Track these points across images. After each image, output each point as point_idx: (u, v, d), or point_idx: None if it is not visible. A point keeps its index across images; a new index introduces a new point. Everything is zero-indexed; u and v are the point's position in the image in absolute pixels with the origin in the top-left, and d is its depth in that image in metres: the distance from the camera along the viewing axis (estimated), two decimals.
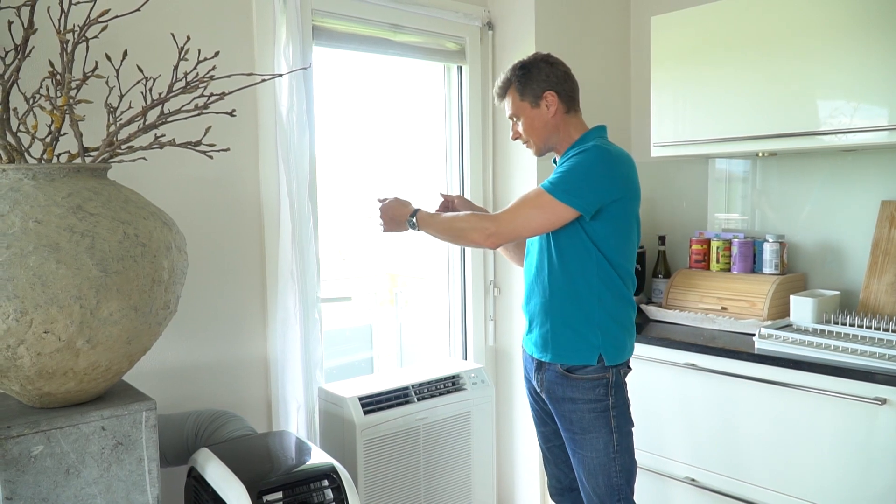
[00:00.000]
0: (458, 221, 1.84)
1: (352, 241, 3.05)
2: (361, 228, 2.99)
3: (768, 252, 2.53)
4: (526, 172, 2.70)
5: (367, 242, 3.09)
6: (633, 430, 1.92)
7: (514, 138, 1.96)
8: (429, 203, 2.02)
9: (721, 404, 2.24)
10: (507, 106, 1.93)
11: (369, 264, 3.31)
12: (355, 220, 2.96)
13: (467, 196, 2.79)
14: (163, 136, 1.57)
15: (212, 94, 1.55)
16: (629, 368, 1.93)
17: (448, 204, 2.11)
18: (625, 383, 1.89)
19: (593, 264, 1.82)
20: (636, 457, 1.94)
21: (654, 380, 2.40)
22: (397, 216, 1.94)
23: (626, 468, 1.87)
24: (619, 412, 1.86)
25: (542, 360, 1.90)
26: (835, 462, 2.00)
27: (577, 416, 1.86)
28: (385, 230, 1.97)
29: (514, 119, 1.92)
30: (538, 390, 1.96)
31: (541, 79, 1.87)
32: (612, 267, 1.83)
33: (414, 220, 1.90)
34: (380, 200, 1.99)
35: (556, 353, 1.87)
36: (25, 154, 1.46)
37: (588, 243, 1.81)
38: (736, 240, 2.61)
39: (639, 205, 1.89)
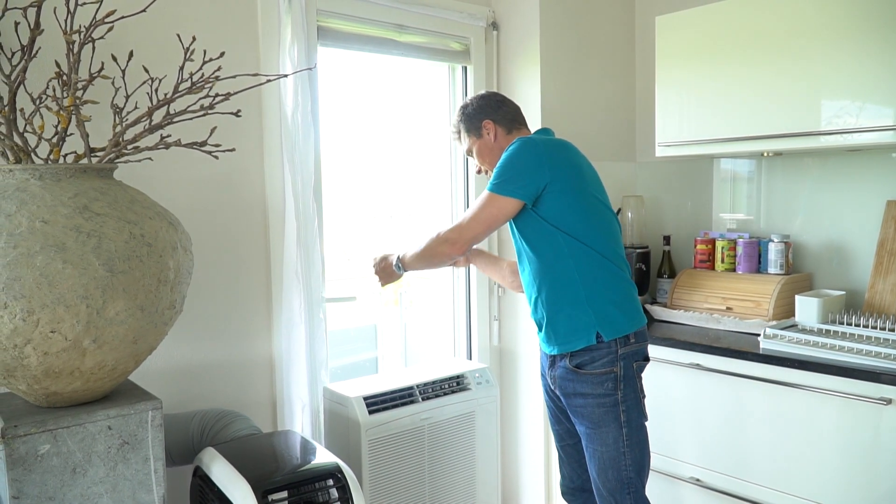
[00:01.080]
0: (425, 245, 1.98)
1: (357, 240, 3.05)
2: (362, 227, 2.99)
3: (773, 252, 2.52)
4: None
5: (371, 242, 3.09)
6: (647, 422, 1.92)
7: (478, 172, 2.14)
8: (432, 204, 2.04)
9: (726, 404, 2.24)
10: (463, 146, 2.12)
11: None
12: (360, 219, 2.96)
13: (472, 199, 2.79)
14: (168, 136, 1.57)
15: (217, 95, 1.56)
16: (645, 361, 1.93)
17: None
18: (637, 377, 1.89)
19: (563, 245, 1.85)
20: None
21: (659, 380, 2.39)
22: (386, 268, 2.13)
23: (637, 462, 1.88)
24: (629, 406, 1.86)
25: (553, 353, 1.93)
26: (840, 462, 2.00)
27: (587, 410, 1.87)
28: (384, 285, 2.18)
29: (471, 154, 2.11)
30: (552, 387, 1.98)
31: (477, 113, 2.07)
32: (584, 244, 1.85)
33: (399, 264, 2.08)
34: (374, 262, 2.19)
35: (560, 343, 1.89)
36: (32, 154, 1.47)
37: (548, 227, 1.86)
38: (741, 240, 2.61)
39: (589, 183, 1.91)
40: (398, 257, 2.08)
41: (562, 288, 1.88)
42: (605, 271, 1.87)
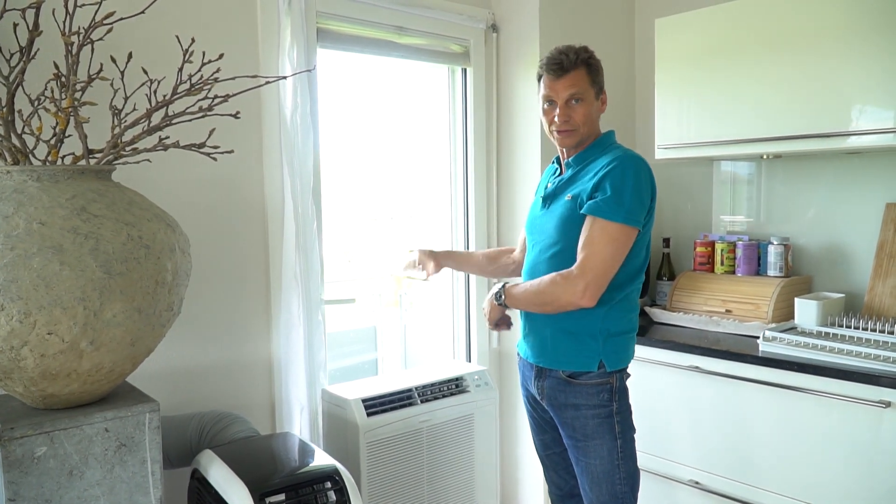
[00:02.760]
0: (543, 289, 1.76)
1: (357, 243, 3.05)
2: (363, 229, 2.99)
3: (773, 254, 2.52)
4: (530, 174, 2.70)
5: (370, 244, 3.09)
6: (636, 435, 1.90)
7: (565, 120, 1.80)
8: (432, 206, 2.00)
9: (725, 407, 2.24)
10: (571, 81, 1.79)
11: (374, 266, 3.31)
12: (361, 221, 2.96)
13: (472, 199, 2.78)
14: (167, 138, 1.57)
15: (216, 97, 1.55)
16: (629, 373, 1.92)
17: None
18: (627, 388, 1.88)
19: (612, 280, 1.77)
20: (639, 461, 1.93)
21: (658, 382, 2.39)
22: (489, 306, 1.93)
23: (630, 475, 1.85)
24: (623, 417, 1.84)
25: (541, 365, 1.87)
26: (839, 465, 1.99)
27: (580, 422, 1.83)
28: (491, 322, 1.95)
29: (576, 100, 1.80)
30: (538, 398, 1.92)
31: (602, 77, 1.88)
32: (628, 281, 1.81)
33: (501, 298, 1.86)
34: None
35: (555, 359, 1.84)
36: (30, 156, 1.46)
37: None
38: (740, 242, 2.61)
39: None
40: (500, 291, 1.87)
41: (582, 313, 1.79)
42: (627, 303, 1.84)
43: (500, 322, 1.95)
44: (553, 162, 2.01)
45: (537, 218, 1.94)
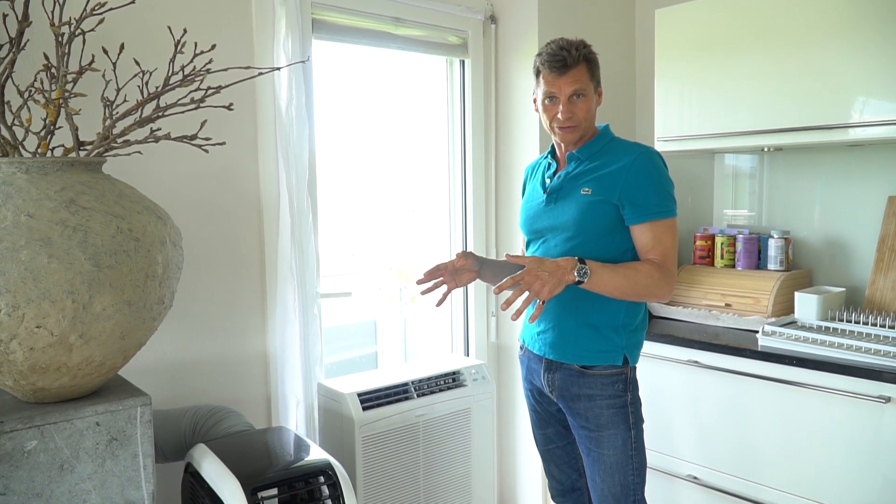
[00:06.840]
0: (639, 280, 1.70)
1: (357, 236, 3.04)
2: (365, 223, 2.98)
3: (773, 248, 2.50)
4: None
5: (371, 238, 3.07)
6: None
7: (568, 117, 1.79)
8: (430, 199, 1.96)
9: (724, 401, 2.22)
10: (574, 77, 1.77)
11: (374, 260, 3.29)
12: (361, 215, 2.95)
13: (470, 192, 2.77)
14: (159, 129, 1.56)
15: (209, 88, 1.54)
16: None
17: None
18: (637, 379, 1.87)
19: None
20: None
21: (657, 376, 2.38)
22: (558, 269, 1.63)
23: (641, 466, 1.85)
24: (636, 408, 1.84)
25: (559, 360, 1.84)
26: (839, 460, 1.98)
27: (594, 413, 1.81)
28: (549, 293, 1.60)
29: (578, 96, 1.79)
30: (546, 391, 1.91)
31: (599, 71, 1.86)
32: None
33: (585, 268, 1.65)
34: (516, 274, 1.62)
35: (577, 354, 1.82)
36: (20, 147, 1.45)
37: (631, 245, 1.79)
38: (741, 236, 2.59)
39: None
40: (584, 267, 1.65)
41: (604, 306, 1.79)
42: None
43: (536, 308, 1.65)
44: (546, 156, 1.98)
45: (542, 213, 1.88)
